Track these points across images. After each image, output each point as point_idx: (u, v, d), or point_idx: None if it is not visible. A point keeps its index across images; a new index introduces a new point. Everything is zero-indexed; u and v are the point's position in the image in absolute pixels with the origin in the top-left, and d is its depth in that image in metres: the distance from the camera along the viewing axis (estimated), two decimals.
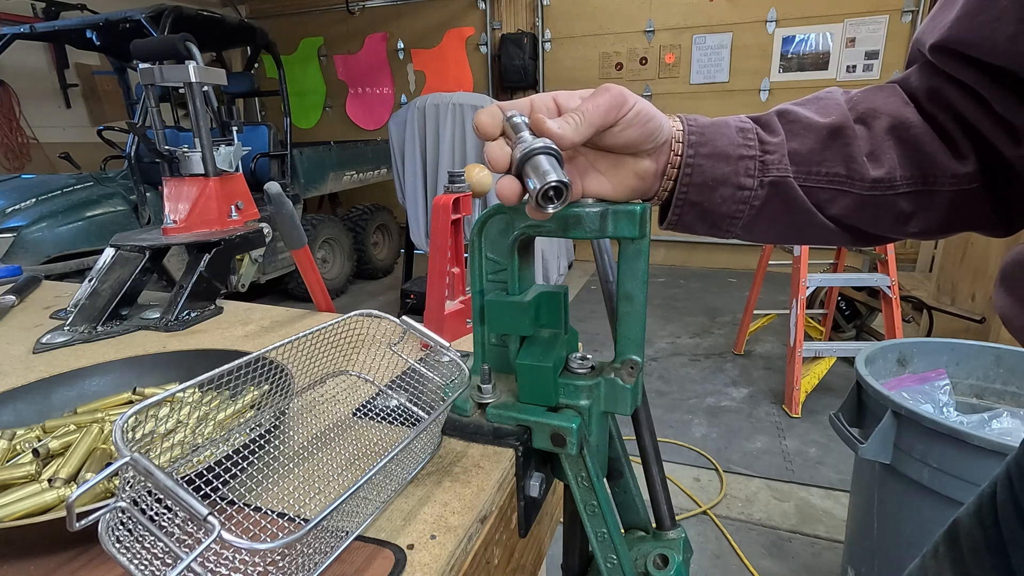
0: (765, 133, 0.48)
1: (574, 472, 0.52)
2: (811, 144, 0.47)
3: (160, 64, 1.05)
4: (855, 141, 0.46)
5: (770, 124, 0.48)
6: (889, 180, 0.46)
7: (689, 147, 0.47)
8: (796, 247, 2.49)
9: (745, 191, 0.48)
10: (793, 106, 0.49)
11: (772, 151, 0.47)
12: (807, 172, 0.47)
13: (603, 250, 0.61)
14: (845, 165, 0.46)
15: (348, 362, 0.66)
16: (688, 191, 0.49)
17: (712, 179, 0.48)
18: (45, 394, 0.63)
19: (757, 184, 0.47)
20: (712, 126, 0.48)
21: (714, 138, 0.47)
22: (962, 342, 1.40)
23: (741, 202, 0.48)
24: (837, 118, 0.47)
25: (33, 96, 4.60)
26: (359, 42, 5.89)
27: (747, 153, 0.47)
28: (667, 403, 2.68)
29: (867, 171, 0.46)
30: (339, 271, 4.57)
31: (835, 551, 1.73)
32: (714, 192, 0.48)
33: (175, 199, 1.09)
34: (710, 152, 0.47)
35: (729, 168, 0.47)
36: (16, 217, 2.80)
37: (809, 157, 0.47)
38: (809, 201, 0.48)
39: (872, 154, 0.46)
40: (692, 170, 0.48)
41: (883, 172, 0.45)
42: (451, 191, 0.80)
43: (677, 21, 4.71)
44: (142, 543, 0.35)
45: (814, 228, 0.49)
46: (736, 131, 0.48)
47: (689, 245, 5.18)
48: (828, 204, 0.48)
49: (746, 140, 0.47)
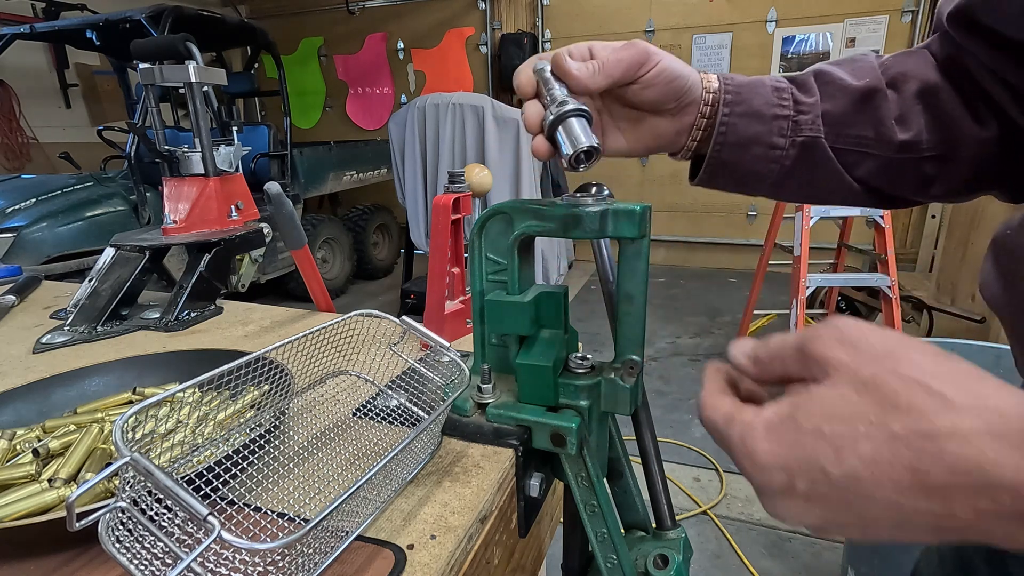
0: (800, 93, 0.48)
1: (574, 472, 0.52)
2: (844, 106, 0.47)
3: (160, 64, 1.05)
4: (885, 104, 0.46)
5: (806, 84, 0.49)
6: (915, 144, 0.46)
7: (725, 106, 0.48)
8: (796, 247, 2.49)
9: (777, 150, 0.48)
10: (829, 66, 0.49)
11: (806, 111, 0.48)
12: (837, 133, 0.48)
13: (603, 250, 0.61)
14: (874, 128, 0.47)
15: (348, 362, 0.66)
16: (721, 150, 0.49)
17: (745, 138, 0.48)
18: (45, 394, 0.63)
19: (788, 144, 0.48)
20: (748, 85, 0.48)
21: (750, 97, 0.48)
22: (962, 342, 1.40)
23: (772, 161, 0.49)
24: (871, 80, 0.47)
25: (33, 96, 4.60)
26: (359, 42, 5.89)
27: (781, 113, 0.48)
28: (667, 403, 2.68)
29: (895, 135, 0.46)
30: (339, 271, 4.57)
31: (835, 551, 1.73)
32: (746, 151, 0.49)
33: (175, 199, 1.09)
34: (745, 111, 0.48)
35: (763, 127, 0.48)
36: (16, 217, 2.80)
37: (841, 119, 0.47)
38: (838, 162, 0.48)
39: (901, 118, 0.46)
40: (726, 128, 0.48)
41: (910, 136, 0.46)
42: (451, 191, 0.80)
43: (677, 21, 4.71)
44: (142, 543, 0.35)
45: (840, 189, 0.50)
46: (771, 90, 0.48)
47: (689, 245, 5.18)
48: (855, 166, 0.48)
49: (781, 99, 0.48)
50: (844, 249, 2.85)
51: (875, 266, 2.62)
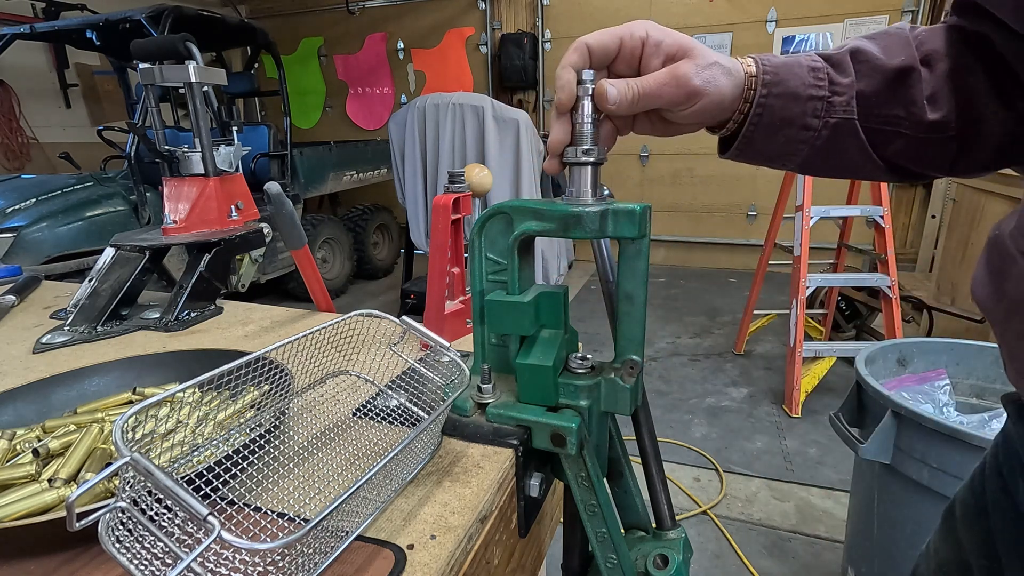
0: (836, 73, 0.48)
1: (574, 472, 0.52)
2: (877, 85, 0.47)
3: (160, 64, 1.05)
4: (919, 84, 0.46)
5: (842, 63, 0.49)
6: (945, 124, 0.46)
7: (763, 87, 0.48)
8: (796, 247, 2.49)
9: (810, 131, 0.49)
10: (866, 44, 0.49)
11: (841, 92, 0.48)
12: (869, 113, 0.48)
13: (603, 250, 0.61)
14: (905, 108, 0.47)
15: (348, 362, 0.66)
16: (755, 130, 0.50)
17: (780, 119, 0.49)
18: (45, 394, 0.63)
19: (821, 125, 0.48)
20: (785, 66, 0.49)
21: (787, 78, 0.48)
22: (962, 342, 1.40)
23: (803, 141, 0.49)
24: (906, 59, 0.47)
25: (33, 96, 4.60)
26: (359, 42, 5.89)
27: (816, 94, 0.48)
28: (667, 403, 2.68)
29: (925, 115, 0.46)
30: (339, 271, 4.57)
31: (835, 551, 1.73)
32: (779, 132, 0.49)
33: (175, 199, 1.09)
34: (782, 92, 0.48)
35: (798, 109, 0.48)
36: (16, 217, 2.80)
37: (874, 99, 0.48)
38: (867, 141, 0.49)
39: (932, 97, 0.46)
40: (763, 110, 0.49)
41: (940, 116, 0.46)
42: (451, 191, 0.80)
43: (677, 21, 4.71)
44: (142, 543, 0.34)
45: (866, 166, 0.50)
46: (808, 70, 0.48)
47: (689, 245, 5.18)
48: (884, 145, 0.49)
49: (817, 80, 0.48)
50: (844, 249, 2.85)
51: (875, 266, 2.62)
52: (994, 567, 0.48)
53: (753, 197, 4.84)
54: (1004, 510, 0.48)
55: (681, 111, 0.48)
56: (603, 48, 0.48)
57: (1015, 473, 0.46)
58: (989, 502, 0.50)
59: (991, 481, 0.50)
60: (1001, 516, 0.48)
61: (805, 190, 2.46)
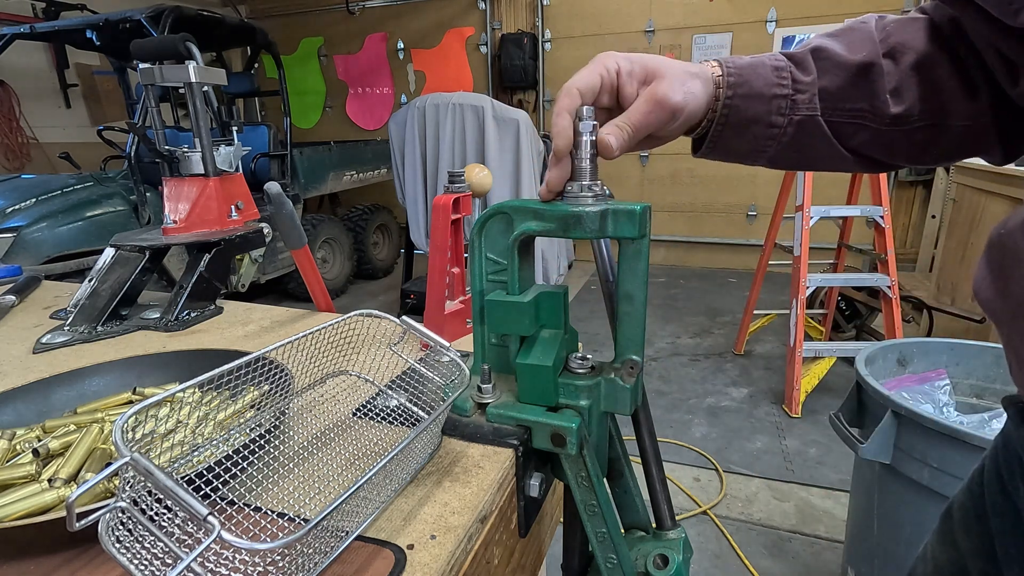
0: (799, 71, 0.50)
1: (574, 472, 0.52)
2: (840, 82, 0.48)
3: (160, 64, 1.05)
4: (881, 79, 0.47)
5: (804, 62, 0.50)
6: (907, 116, 0.47)
7: (728, 88, 0.50)
8: (796, 247, 2.49)
9: (775, 128, 0.50)
10: (827, 41, 0.50)
11: (804, 90, 0.49)
12: (833, 108, 0.49)
13: (603, 250, 0.61)
14: (869, 101, 0.48)
15: (348, 362, 0.66)
16: (723, 130, 0.51)
17: (746, 118, 0.50)
18: (45, 394, 0.63)
19: (786, 122, 0.50)
20: (749, 67, 0.50)
21: (751, 79, 0.49)
22: (962, 342, 1.40)
23: (770, 138, 0.51)
24: (868, 54, 0.48)
25: (33, 96, 4.60)
26: (359, 42, 5.89)
27: (780, 92, 0.49)
28: (667, 403, 2.68)
29: (888, 107, 0.47)
30: (339, 271, 4.57)
31: (835, 551, 1.73)
32: (747, 130, 0.51)
33: (175, 199, 1.09)
34: (747, 92, 0.49)
35: (763, 108, 0.50)
36: (16, 217, 2.80)
37: (837, 94, 0.49)
38: (831, 135, 0.50)
39: (896, 91, 0.47)
40: (729, 111, 0.50)
41: (903, 109, 0.47)
42: (451, 191, 0.80)
43: (677, 21, 4.71)
44: (142, 543, 0.34)
45: (834, 158, 0.52)
46: (771, 70, 0.50)
47: (689, 245, 5.18)
48: (849, 137, 0.50)
49: (780, 79, 0.49)
50: (844, 249, 2.85)
51: (875, 266, 2.62)
52: (993, 571, 0.48)
53: (753, 197, 4.85)
54: (1004, 513, 0.48)
55: (669, 129, 0.50)
56: (590, 88, 0.50)
57: (1015, 476, 0.46)
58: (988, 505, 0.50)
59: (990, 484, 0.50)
60: (1000, 519, 0.48)
61: (805, 190, 2.46)
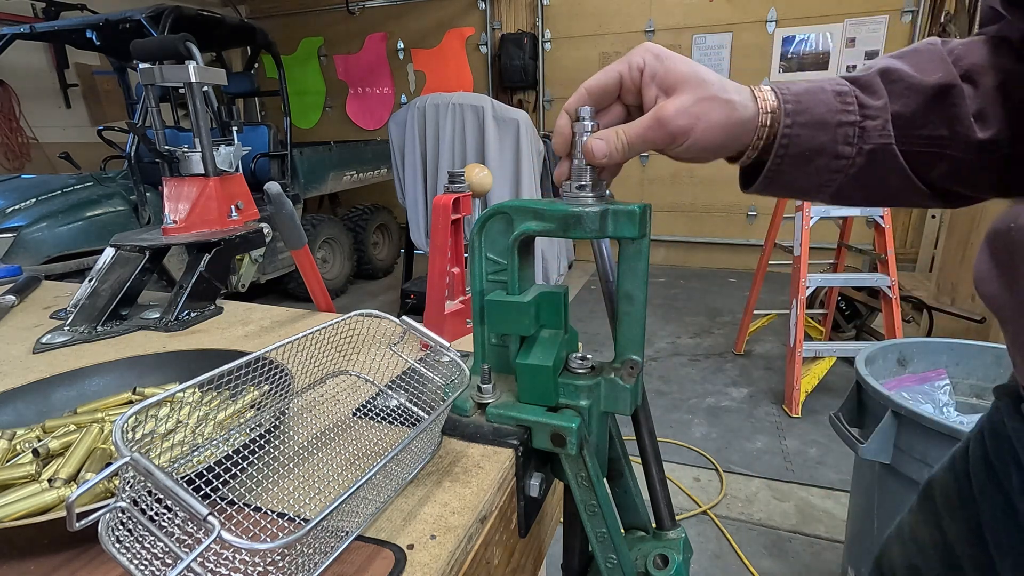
0: (865, 95, 0.45)
1: (574, 472, 0.52)
2: (915, 106, 0.44)
3: (160, 64, 1.05)
4: (963, 102, 0.43)
5: (871, 85, 0.45)
6: (997, 142, 0.43)
7: (786, 116, 0.45)
8: (796, 247, 2.49)
9: (842, 160, 0.45)
10: (895, 63, 0.45)
11: (874, 116, 0.44)
12: (908, 135, 0.44)
13: (603, 250, 0.61)
14: (949, 127, 0.43)
15: (348, 362, 0.66)
16: (782, 162, 0.46)
17: (809, 149, 0.45)
18: (45, 394, 0.63)
19: (855, 152, 0.45)
20: (807, 92, 0.46)
21: (811, 105, 0.45)
22: (962, 342, 1.40)
23: (836, 171, 0.46)
24: (944, 76, 0.43)
25: (33, 96, 4.60)
26: (359, 42, 5.89)
27: (847, 119, 0.44)
28: (667, 403, 2.68)
29: (974, 133, 0.43)
30: (339, 271, 4.57)
31: (835, 551, 1.73)
32: (809, 163, 0.46)
33: (175, 199, 1.09)
34: (808, 120, 0.45)
35: (827, 137, 0.45)
36: (16, 217, 2.80)
37: (912, 120, 0.44)
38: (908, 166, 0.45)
39: (980, 114, 0.43)
40: (789, 141, 0.45)
41: (991, 134, 0.43)
42: (451, 191, 0.80)
43: (677, 21, 4.71)
44: (142, 543, 0.34)
45: (907, 192, 0.47)
46: (833, 95, 0.45)
47: (689, 245, 5.18)
48: (926, 168, 0.45)
49: (845, 104, 0.45)
50: (844, 249, 2.85)
51: (875, 266, 2.62)
52: (982, 556, 0.48)
53: (753, 197, 4.85)
54: (993, 501, 0.47)
55: (672, 151, 0.46)
56: (601, 89, 0.47)
57: (1007, 464, 0.46)
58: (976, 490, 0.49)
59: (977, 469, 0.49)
60: (990, 506, 0.47)
61: None
